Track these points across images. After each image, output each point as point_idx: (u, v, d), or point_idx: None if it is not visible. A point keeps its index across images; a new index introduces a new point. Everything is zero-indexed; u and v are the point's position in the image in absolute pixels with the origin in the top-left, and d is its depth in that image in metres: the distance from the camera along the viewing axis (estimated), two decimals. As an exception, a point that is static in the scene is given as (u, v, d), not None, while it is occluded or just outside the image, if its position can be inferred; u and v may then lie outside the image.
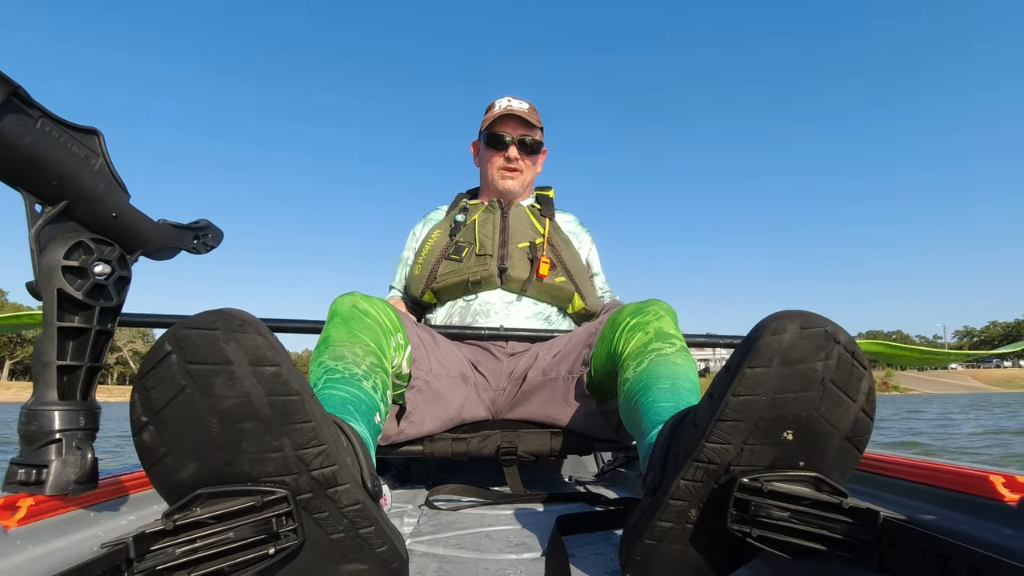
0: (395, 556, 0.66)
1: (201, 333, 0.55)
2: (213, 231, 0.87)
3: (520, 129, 1.57)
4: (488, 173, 1.61)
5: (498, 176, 1.59)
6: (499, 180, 1.58)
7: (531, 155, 1.60)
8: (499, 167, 1.58)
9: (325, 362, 0.94)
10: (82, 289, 0.67)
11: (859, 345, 0.60)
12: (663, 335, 1.03)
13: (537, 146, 1.60)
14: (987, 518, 0.58)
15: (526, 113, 1.57)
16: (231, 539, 0.57)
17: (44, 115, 0.64)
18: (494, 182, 1.60)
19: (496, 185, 1.59)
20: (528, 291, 1.45)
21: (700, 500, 0.64)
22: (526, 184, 1.62)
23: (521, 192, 1.61)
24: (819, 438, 0.60)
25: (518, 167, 1.58)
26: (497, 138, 1.57)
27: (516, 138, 1.57)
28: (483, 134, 1.60)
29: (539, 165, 1.69)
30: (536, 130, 1.59)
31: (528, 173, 1.61)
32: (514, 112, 1.55)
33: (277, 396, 0.57)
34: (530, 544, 0.92)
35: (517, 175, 1.59)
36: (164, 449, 0.56)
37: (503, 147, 1.57)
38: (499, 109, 1.58)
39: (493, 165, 1.59)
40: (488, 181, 1.62)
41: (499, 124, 1.58)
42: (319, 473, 0.60)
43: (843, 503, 0.60)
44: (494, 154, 1.59)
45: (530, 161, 1.60)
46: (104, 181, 0.70)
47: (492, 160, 1.60)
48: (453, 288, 1.45)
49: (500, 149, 1.58)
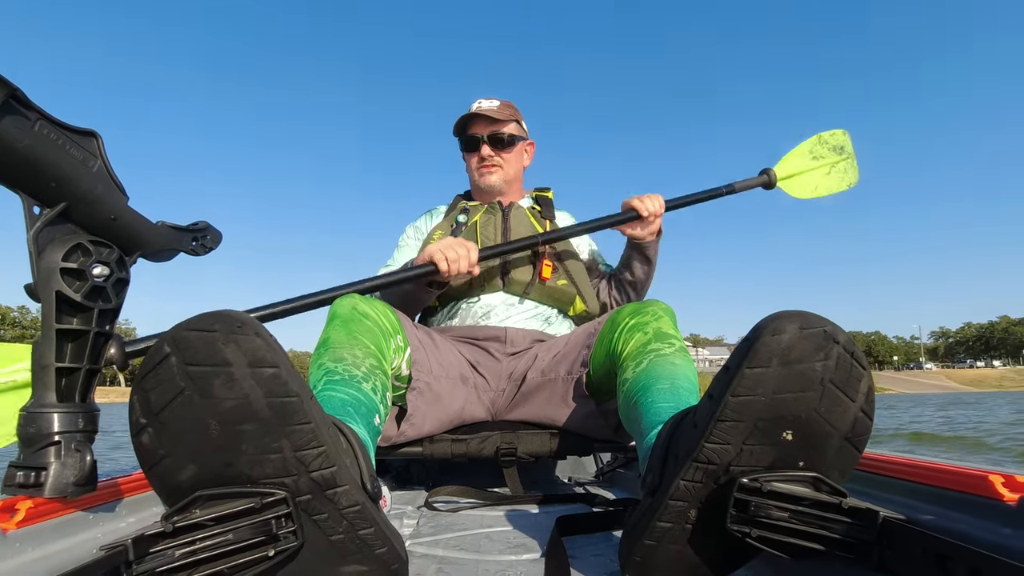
0: (394, 557, 0.65)
1: (200, 335, 0.55)
2: (212, 233, 0.87)
3: (490, 126, 1.60)
4: (470, 175, 1.66)
5: (477, 174, 1.62)
6: (479, 178, 1.61)
7: (506, 149, 1.61)
8: (476, 166, 1.62)
9: (325, 364, 0.94)
10: (81, 291, 0.67)
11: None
12: (662, 335, 1.03)
13: (511, 139, 1.61)
14: (986, 518, 0.58)
15: (493, 111, 1.58)
16: (230, 541, 0.57)
17: (42, 117, 0.64)
18: (476, 181, 1.63)
19: (478, 183, 1.62)
20: (530, 293, 1.45)
21: (700, 500, 0.64)
22: (510, 178, 1.63)
23: (506, 187, 1.62)
24: (818, 438, 0.61)
25: (495, 163, 1.60)
26: (468, 140, 1.61)
27: (486, 135, 1.59)
28: (457, 139, 1.65)
29: (525, 158, 1.70)
30: (506, 124, 1.60)
31: (509, 167, 1.62)
32: (482, 111, 1.58)
33: (276, 398, 0.57)
34: (530, 545, 0.92)
35: (496, 170, 1.60)
36: (163, 451, 0.56)
37: (475, 147, 1.61)
38: (468, 111, 1.61)
39: (471, 166, 1.64)
40: (473, 182, 1.66)
41: (469, 126, 1.61)
42: (318, 475, 0.59)
43: (843, 503, 0.60)
44: (469, 155, 1.64)
45: (507, 155, 1.62)
46: (103, 183, 0.70)
47: (469, 161, 1.64)
48: (455, 290, 1.45)
49: (473, 149, 1.61)
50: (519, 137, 1.63)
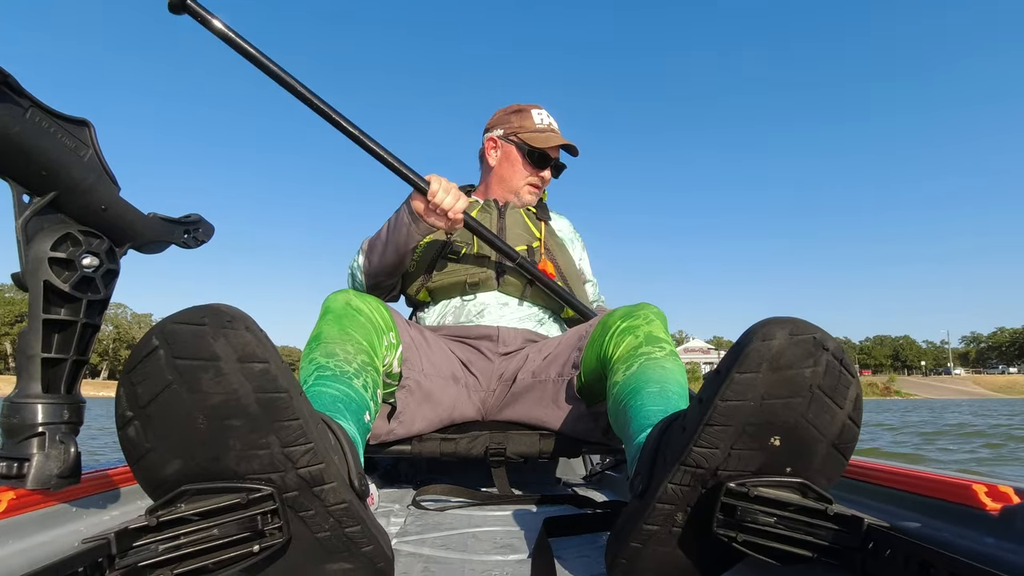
0: (381, 556, 0.65)
1: (189, 328, 0.55)
2: (204, 225, 0.86)
3: (558, 154, 1.64)
4: (512, 181, 1.62)
5: (525, 191, 1.62)
6: (525, 193, 1.62)
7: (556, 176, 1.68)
8: (530, 183, 1.62)
9: (316, 359, 0.94)
10: (69, 281, 0.66)
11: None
12: (653, 339, 1.03)
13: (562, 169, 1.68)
14: (969, 526, 0.59)
15: (573, 146, 1.62)
16: (215, 536, 0.57)
17: (34, 105, 0.63)
18: (518, 193, 1.62)
19: (521, 196, 1.62)
20: (524, 294, 1.45)
21: (687, 504, 0.64)
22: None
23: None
24: (806, 444, 0.61)
25: (543, 185, 1.64)
26: (544, 158, 1.60)
27: (556, 161, 1.63)
28: (526, 146, 1.59)
29: None
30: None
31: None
32: (565, 143, 1.60)
33: (265, 393, 0.56)
34: (516, 545, 0.92)
35: (540, 192, 1.65)
36: (149, 444, 0.56)
37: (543, 167, 1.61)
38: (543, 125, 1.61)
39: (522, 178, 1.61)
40: (507, 186, 1.62)
41: (547, 142, 1.60)
42: (306, 471, 0.59)
43: (828, 509, 0.60)
44: (530, 169, 1.61)
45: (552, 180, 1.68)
46: (94, 173, 0.70)
47: (524, 173, 1.61)
48: (450, 288, 1.45)
49: (540, 168, 1.61)
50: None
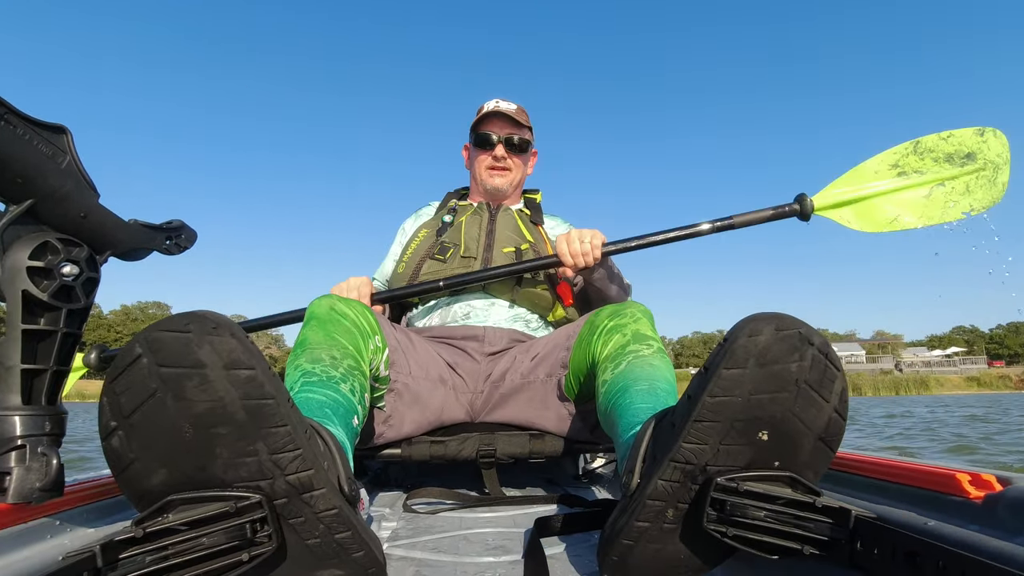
0: (372, 561, 0.65)
1: (174, 336, 0.54)
2: (187, 231, 0.85)
3: (507, 128, 1.59)
4: (477, 172, 1.63)
5: (486, 175, 1.60)
6: (487, 179, 1.60)
7: (519, 154, 1.62)
8: (487, 166, 1.60)
9: (302, 365, 0.93)
10: (48, 290, 0.65)
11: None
12: (640, 337, 1.04)
13: (525, 145, 1.62)
14: (954, 515, 0.60)
15: (513, 112, 1.59)
16: (204, 545, 0.56)
17: (9, 111, 0.62)
18: (482, 181, 1.61)
19: (484, 184, 1.61)
20: (510, 296, 1.45)
21: (677, 500, 0.64)
22: (515, 183, 1.64)
23: (510, 192, 1.63)
24: (793, 438, 0.62)
25: (506, 165, 1.60)
26: (484, 137, 1.59)
27: (503, 136, 1.59)
28: (471, 134, 1.62)
29: (529, 167, 1.71)
30: (524, 129, 1.61)
31: (517, 172, 1.63)
32: (501, 111, 1.57)
33: (252, 400, 0.56)
34: (508, 547, 0.92)
35: (506, 173, 1.61)
36: (133, 455, 0.55)
37: (490, 146, 1.59)
38: (487, 109, 1.60)
39: (481, 164, 1.61)
40: (477, 181, 1.64)
41: (486, 123, 1.60)
42: (295, 478, 0.59)
43: (816, 502, 0.61)
44: (482, 153, 1.61)
45: (519, 160, 1.62)
46: (72, 180, 0.68)
47: (480, 159, 1.62)
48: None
49: (487, 148, 1.60)
50: (531, 144, 1.65)
